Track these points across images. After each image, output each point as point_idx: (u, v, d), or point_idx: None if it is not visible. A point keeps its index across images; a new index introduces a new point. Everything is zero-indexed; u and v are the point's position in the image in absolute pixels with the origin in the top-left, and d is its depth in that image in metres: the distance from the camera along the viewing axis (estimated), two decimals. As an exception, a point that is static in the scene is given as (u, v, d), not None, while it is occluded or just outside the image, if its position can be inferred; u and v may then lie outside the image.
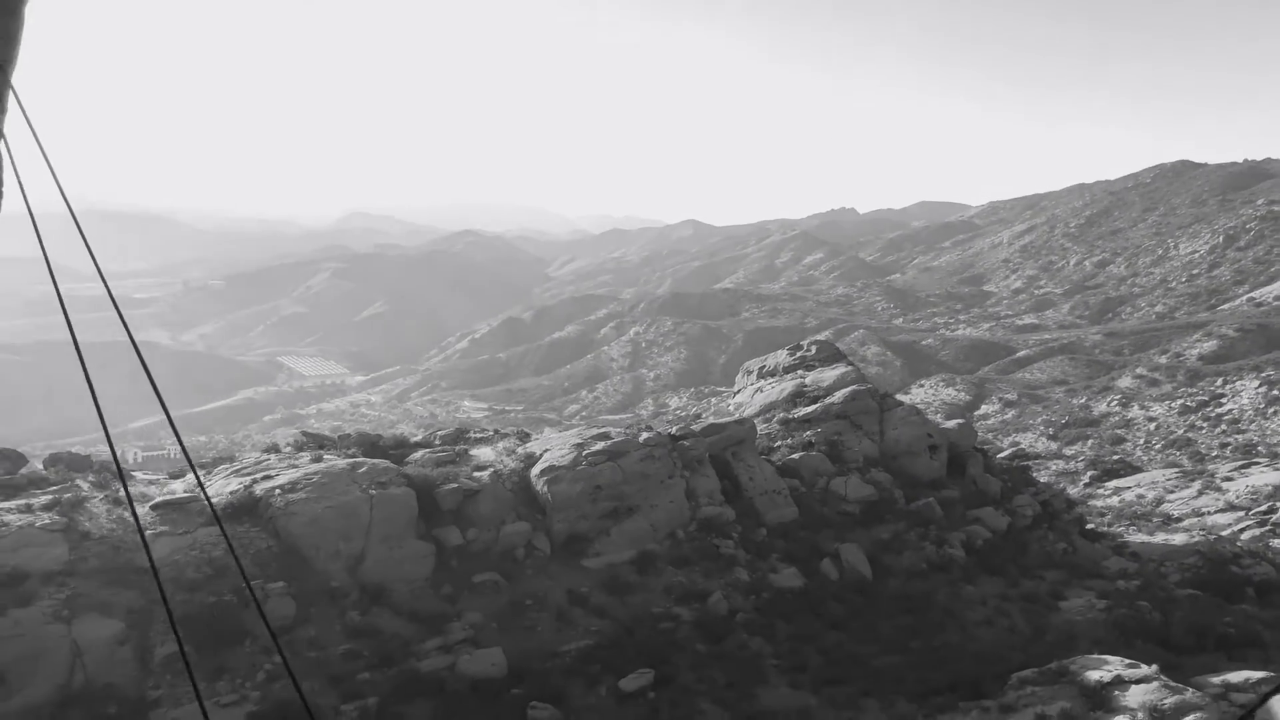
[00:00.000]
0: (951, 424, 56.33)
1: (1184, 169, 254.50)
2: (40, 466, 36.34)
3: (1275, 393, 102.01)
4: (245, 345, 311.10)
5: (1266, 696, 5.97)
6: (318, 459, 36.52)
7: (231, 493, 33.39)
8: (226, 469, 37.22)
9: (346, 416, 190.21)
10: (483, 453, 41.23)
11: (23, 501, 31.02)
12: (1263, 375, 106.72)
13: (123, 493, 33.73)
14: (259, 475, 34.60)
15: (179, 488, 35.19)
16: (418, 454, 39.60)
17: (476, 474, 37.69)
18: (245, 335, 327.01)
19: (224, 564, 29.87)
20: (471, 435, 45.70)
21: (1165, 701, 24.74)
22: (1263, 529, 51.51)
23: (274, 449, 41.22)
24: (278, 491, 32.93)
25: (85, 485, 33.56)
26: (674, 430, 44.69)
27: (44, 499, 31.22)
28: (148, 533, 31.09)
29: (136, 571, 29.00)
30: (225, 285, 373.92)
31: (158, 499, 33.05)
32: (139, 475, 38.83)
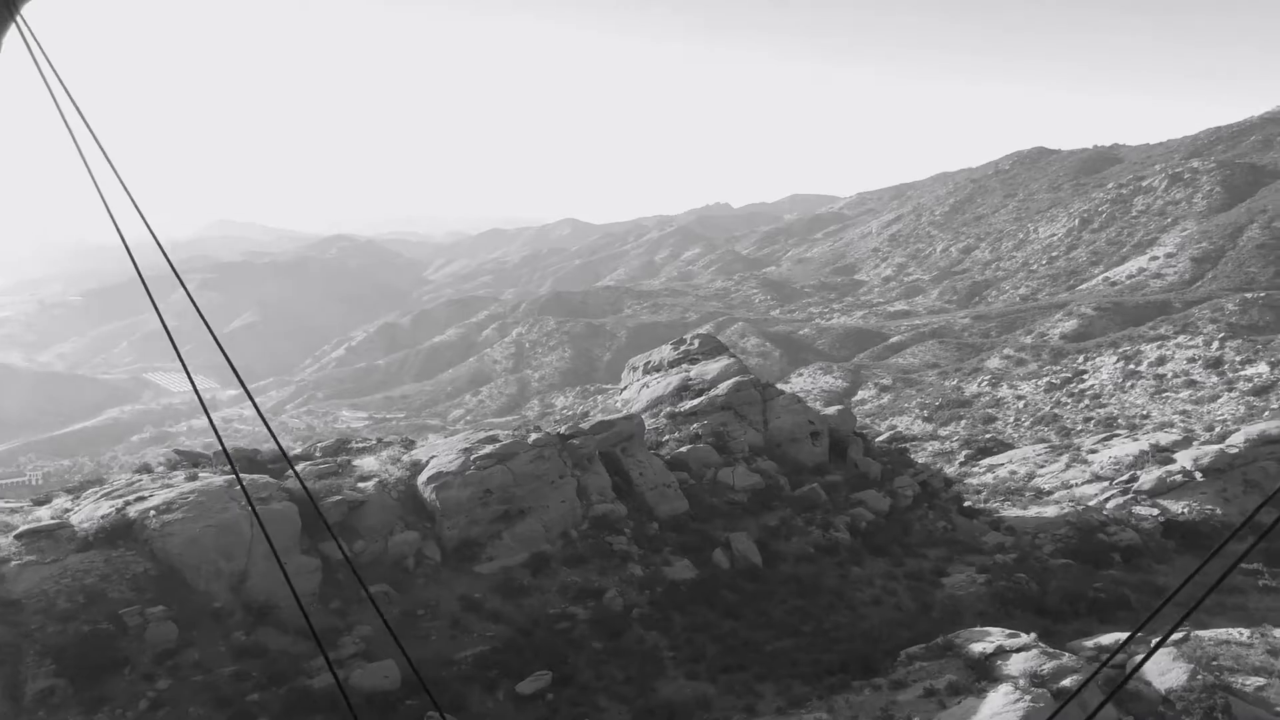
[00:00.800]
0: (831, 410, 57.62)
1: (1040, 155, 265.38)
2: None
3: (1131, 367, 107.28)
4: (108, 363, 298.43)
5: (1137, 668, 6.38)
6: (193, 477, 35.24)
7: (103, 516, 31.95)
8: (96, 492, 35.60)
9: (220, 432, 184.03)
10: (366, 463, 40.43)
11: None
12: (1119, 351, 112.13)
13: (-17, 523, 32.01)
14: (132, 497, 33.20)
15: (45, 515, 33.53)
16: (298, 467, 38.60)
17: (361, 485, 36.96)
18: (108, 352, 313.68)
19: (98, 590, 28.61)
20: (353, 445, 44.75)
21: (1044, 667, 25.79)
22: (1125, 497, 54.08)
23: (146, 469, 39.64)
24: (153, 513, 31.66)
25: (-59, 517, 31.72)
26: (563, 429, 44.61)
27: (-105, 534, 29.40)
28: (11, 564, 29.60)
29: (2, 604, 27.55)
30: (84, 301, 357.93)
31: (22, 527, 31.43)
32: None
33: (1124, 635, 30.21)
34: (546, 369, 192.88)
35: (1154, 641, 6.27)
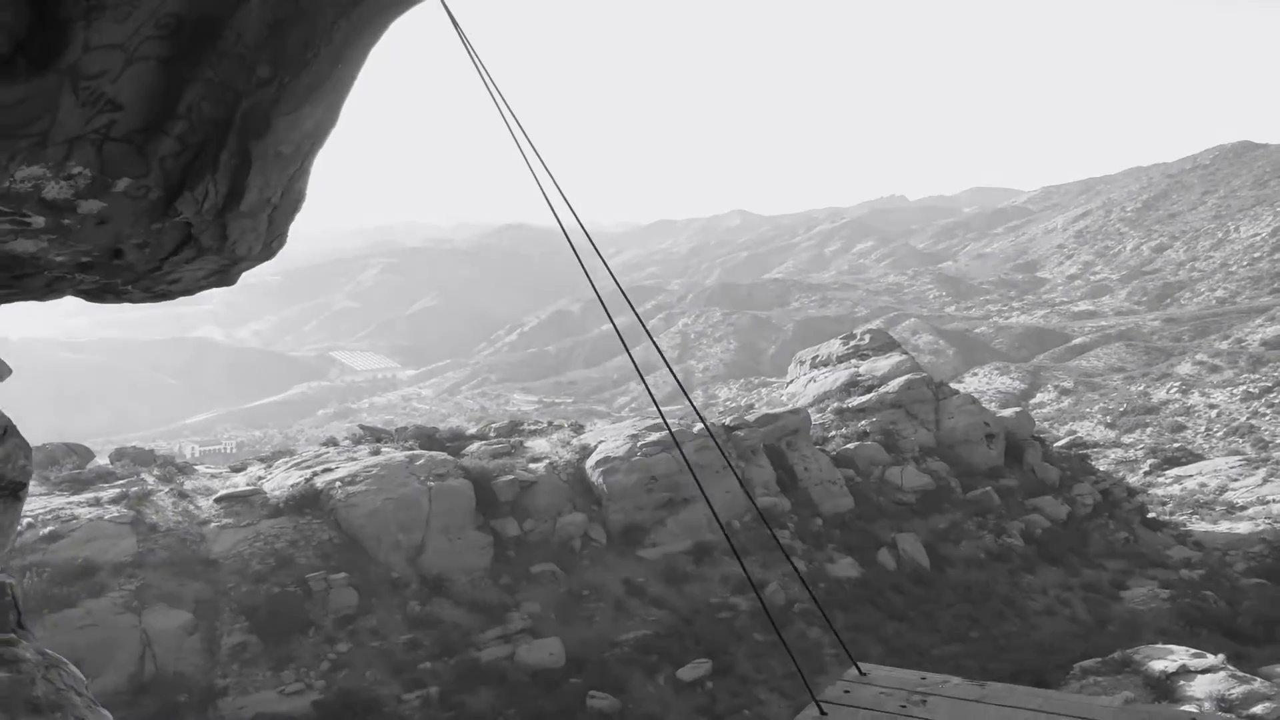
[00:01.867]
0: (1008, 412, 55.76)
1: (1244, 150, 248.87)
2: (107, 461, 37.16)
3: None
4: (298, 340, 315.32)
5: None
6: (376, 452, 36.98)
7: (293, 485, 33.91)
8: (286, 462, 37.79)
9: (398, 410, 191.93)
10: (537, 445, 41.50)
11: (91, 495, 31.76)
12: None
13: (186, 485, 34.45)
14: (319, 468, 35.11)
15: (241, 481, 35.81)
16: (474, 446, 39.95)
17: (532, 465, 37.98)
18: (298, 331, 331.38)
19: (287, 555, 30.39)
20: (525, 427, 45.98)
21: (1233, 691, 24.36)
22: (1331, 517, 50.35)
23: (332, 442, 41.79)
24: (338, 484, 33.41)
25: (150, 479, 34.26)
26: (728, 420, 44.68)
27: (112, 493, 31.92)
28: (211, 525, 31.75)
29: (203, 563, 29.60)
30: (279, 281, 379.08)
31: (221, 492, 33.68)
32: (200, 469, 39.53)
33: (1325, 665, 28.19)
34: (711, 360, 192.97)
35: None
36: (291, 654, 27.48)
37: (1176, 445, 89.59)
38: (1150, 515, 51.20)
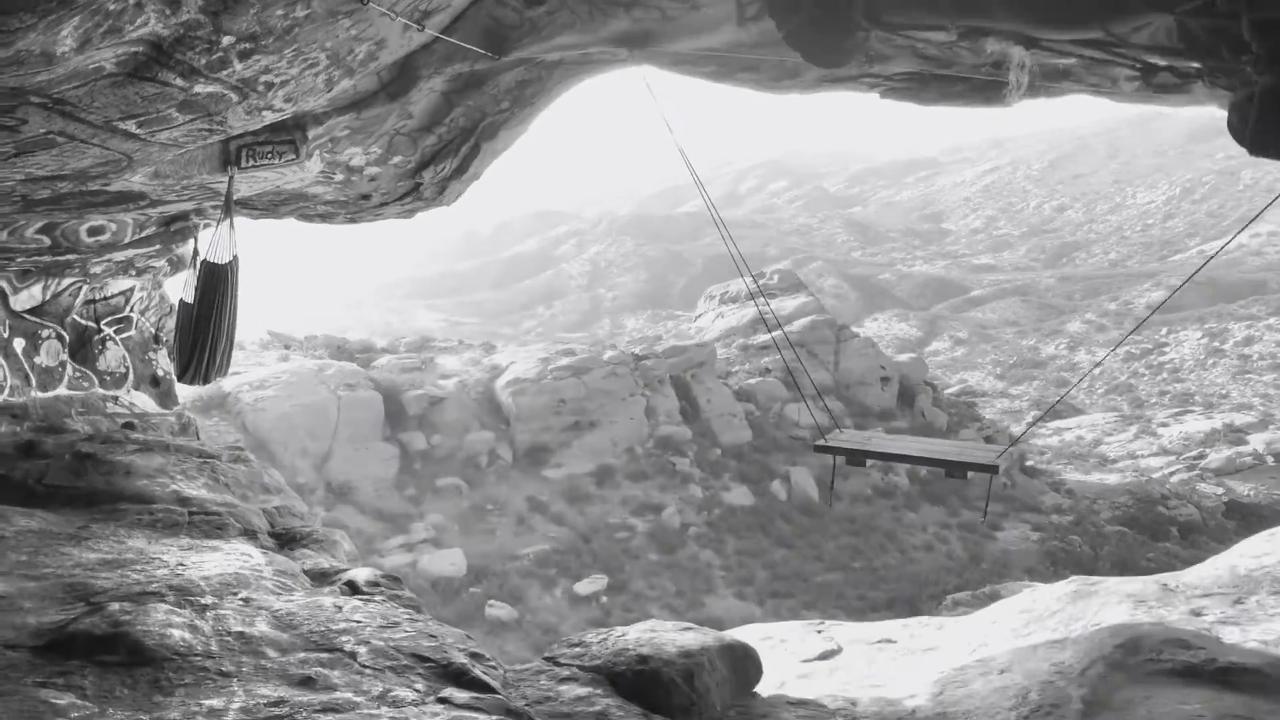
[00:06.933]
0: (903, 358, 57.97)
1: (1153, 117, 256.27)
2: None
3: (1215, 344, 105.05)
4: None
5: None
6: (285, 359, 37.05)
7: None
8: (193, 364, 37.55)
9: (300, 317, 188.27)
10: (448, 362, 41.94)
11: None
12: (1205, 327, 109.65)
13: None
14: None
15: (147, 380, 35.58)
16: (383, 359, 40.27)
17: (441, 382, 38.50)
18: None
19: (194, 455, 30.51)
20: (436, 344, 46.34)
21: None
22: (1191, 473, 53.80)
23: (240, 346, 41.60)
24: (246, 387, 33.51)
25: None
26: (637, 350, 45.68)
27: None
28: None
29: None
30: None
31: (127, 389, 33.48)
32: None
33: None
34: (620, 290, 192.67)
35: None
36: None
37: (1059, 399, 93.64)
38: (1029, 463, 54.00)
